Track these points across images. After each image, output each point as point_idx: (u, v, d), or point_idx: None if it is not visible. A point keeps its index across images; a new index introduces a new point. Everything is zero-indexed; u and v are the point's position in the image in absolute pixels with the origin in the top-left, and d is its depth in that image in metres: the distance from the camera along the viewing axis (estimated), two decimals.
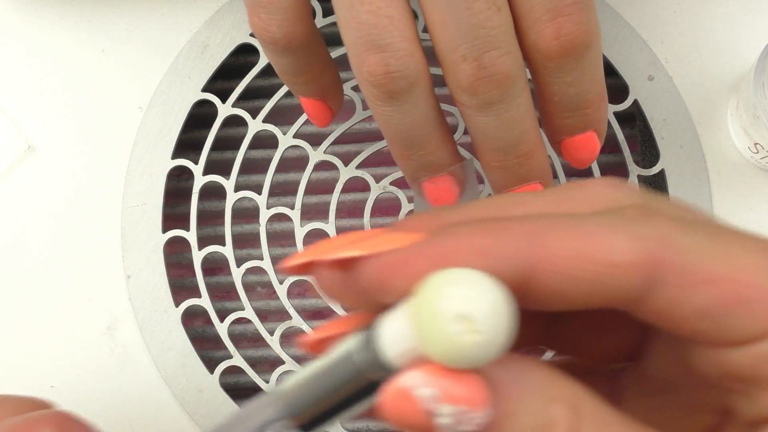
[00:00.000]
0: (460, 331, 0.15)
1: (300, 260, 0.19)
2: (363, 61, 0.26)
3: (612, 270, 0.16)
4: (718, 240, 0.17)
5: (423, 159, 0.28)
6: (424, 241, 0.17)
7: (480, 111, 0.26)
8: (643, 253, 0.16)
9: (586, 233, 0.16)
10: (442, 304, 0.15)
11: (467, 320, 0.15)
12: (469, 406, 0.15)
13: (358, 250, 0.17)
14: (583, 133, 0.29)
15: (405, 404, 0.16)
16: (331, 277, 0.19)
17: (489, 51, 0.25)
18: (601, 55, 0.27)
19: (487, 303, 0.15)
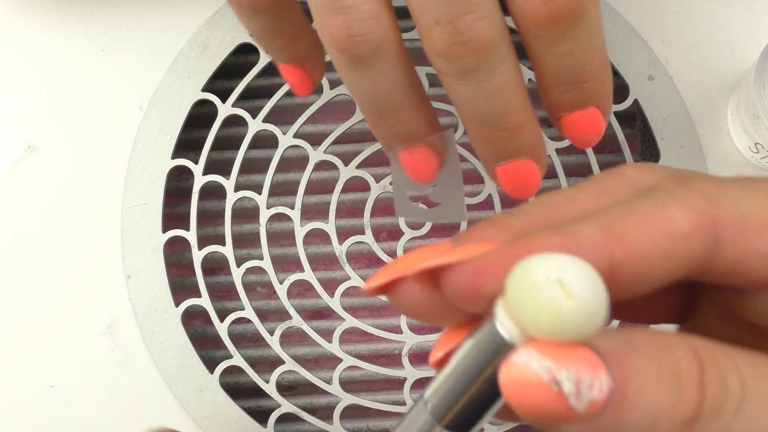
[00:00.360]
0: (557, 296, 0.15)
1: (384, 279, 0.19)
2: (325, 24, 0.24)
3: (680, 241, 0.17)
4: (753, 188, 0.18)
5: (396, 128, 0.27)
6: (509, 245, 0.17)
7: (458, 79, 0.25)
8: (700, 217, 0.17)
9: (645, 216, 0.17)
10: (537, 273, 0.15)
11: (562, 285, 0.15)
12: (586, 371, 0.15)
13: (446, 258, 0.17)
14: (583, 108, 0.27)
15: (523, 379, 0.16)
16: (415, 293, 0.18)
17: (464, 15, 0.23)
18: (600, 27, 0.25)
19: (579, 269, 0.15)
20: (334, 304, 0.36)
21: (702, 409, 0.16)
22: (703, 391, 0.16)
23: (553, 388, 0.15)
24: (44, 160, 0.37)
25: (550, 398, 0.15)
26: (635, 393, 0.15)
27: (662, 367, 0.16)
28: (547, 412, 0.16)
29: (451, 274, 0.17)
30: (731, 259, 0.17)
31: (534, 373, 0.15)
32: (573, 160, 0.37)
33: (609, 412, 0.15)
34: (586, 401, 0.15)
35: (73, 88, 0.38)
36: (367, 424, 0.36)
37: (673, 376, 0.16)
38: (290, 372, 0.36)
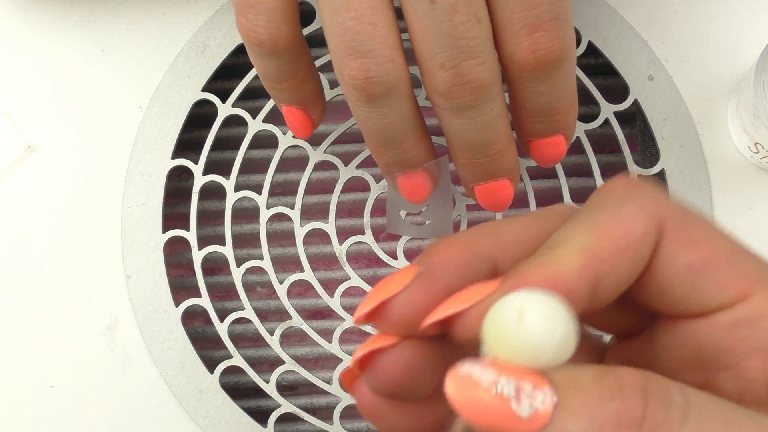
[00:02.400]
0: (510, 320, 0.17)
1: (371, 304, 0.20)
2: (345, 65, 0.26)
3: (640, 243, 0.19)
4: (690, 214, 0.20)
5: (399, 156, 0.29)
6: (506, 286, 0.18)
7: (454, 114, 0.27)
8: (652, 218, 0.19)
9: (609, 227, 0.19)
10: (507, 299, 0.17)
11: (519, 312, 0.17)
12: (528, 381, 0.16)
13: (453, 308, 0.19)
14: (551, 137, 0.30)
15: (466, 387, 0.17)
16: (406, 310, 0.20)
17: (466, 60, 0.26)
18: (575, 67, 0.29)
19: (542, 301, 0.17)
20: (334, 304, 0.36)
21: (647, 415, 0.16)
22: (646, 399, 0.16)
23: (493, 390, 0.16)
24: (44, 160, 0.37)
25: (491, 401, 0.16)
26: (579, 404, 0.16)
27: (605, 383, 0.17)
28: (493, 419, 0.16)
29: (461, 322, 0.19)
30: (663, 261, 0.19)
31: (475, 379, 0.16)
32: (573, 160, 0.37)
33: (555, 422, 0.16)
34: (527, 408, 0.16)
35: (73, 88, 0.38)
36: (367, 425, 0.36)
37: (615, 389, 0.17)
38: (290, 372, 0.36)
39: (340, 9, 0.26)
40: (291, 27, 0.28)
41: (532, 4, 0.26)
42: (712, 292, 0.19)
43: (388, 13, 0.26)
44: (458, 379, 0.17)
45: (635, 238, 0.19)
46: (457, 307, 0.19)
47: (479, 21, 0.26)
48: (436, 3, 0.25)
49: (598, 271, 0.18)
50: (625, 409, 0.16)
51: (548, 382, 0.16)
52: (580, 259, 0.18)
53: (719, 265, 0.19)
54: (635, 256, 0.19)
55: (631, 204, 0.19)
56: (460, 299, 0.19)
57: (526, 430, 0.16)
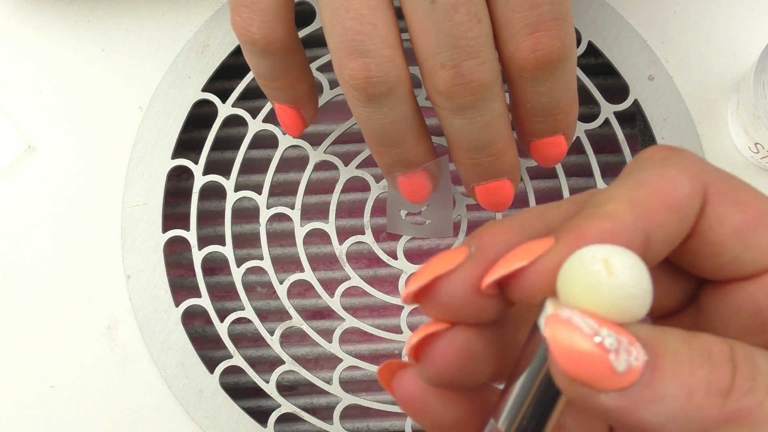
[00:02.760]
0: (599, 270, 0.16)
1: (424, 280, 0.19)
2: (345, 65, 0.27)
3: (686, 202, 0.19)
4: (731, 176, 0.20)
5: (399, 156, 0.30)
6: (564, 238, 0.18)
7: (455, 114, 0.27)
8: (696, 181, 0.19)
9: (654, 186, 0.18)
10: (586, 254, 0.17)
11: (606, 262, 0.16)
12: (625, 336, 0.16)
13: (516, 263, 0.18)
14: (552, 136, 0.30)
15: (568, 332, 0.16)
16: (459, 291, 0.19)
17: (467, 60, 0.26)
18: (575, 67, 0.29)
19: (626, 255, 0.17)
20: (334, 304, 0.36)
21: (735, 384, 0.16)
22: (735, 367, 0.16)
23: (596, 339, 0.16)
24: (44, 160, 0.37)
25: (592, 350, 0.16)
26: (670, 366, 0.16)
27: (694, 347, 0.17)
28: (588, 370, 0.16)
29: (526, 277, 0.18)
30: (712, 222, 0.19)
31: (577, 327, 0.16)
32: (573, 160, 0.37)
33: (645, 382, 0.16)
34: (624, 362, 0.16)
35: (73, 88, 0.38)
36: (367, 424, 0.36)
37: (705, 354, 0.17)
38: (290, 372, 0.36)
39: (340, 9, 0.26)
40: (285, 27, 0.28)
41: (532, 3, 0.26)
42: (764, 251, 0.19)
43: (388, 13, 0.26)
44: (559, 323, 0.16)
45: (681, 196, 0.18)
46: (519, 262, 0.18)
47: (480, 21, 0.26)
48: (437, 3, 0.25)
49: (648, 226, 0.18)
50: (714, 377, 0.16)
51: (639, 342, 0.16)
52: (631, 213, 0.18)
53: (766, 223, 0.19)
54: (682, 214, 0.18)
55: (673, 167, 0.19)
56: (519, 256, 0.18)
57: (617, 386, 0.16)
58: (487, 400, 0.20)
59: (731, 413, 0.16)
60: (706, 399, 0.16)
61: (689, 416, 0.16)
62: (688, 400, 0.16)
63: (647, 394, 0.16)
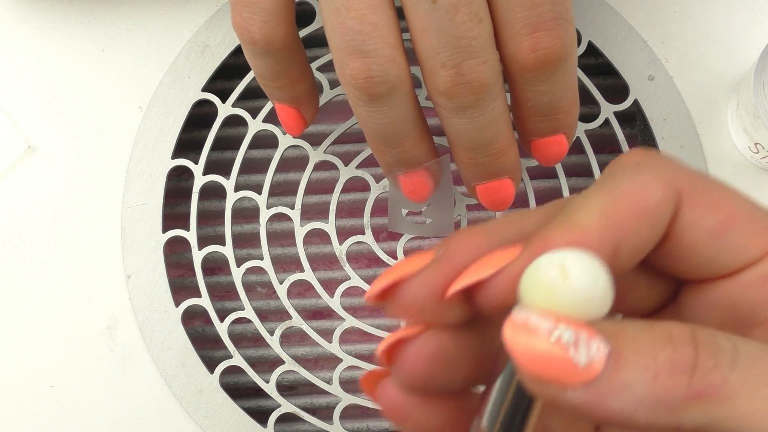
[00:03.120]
0: (555, 275, 0.17)
1: (387, 281, 0.20)
2: (346, 65, 0.27)
3: (658, 209, 0.19)
4: (704, 177, 0.20)
5: (400, 155, 0.30)
6: (530, 248, 0.18)
7: (455, 113, 0.27)
8: (669, 186, 0.19)
9: (627, 194, 0.19)
10: (543, 261, 0.17)
11: (561, 268, 0.17)
12: (583, 331, 0.16)
13: (480, 274, 0.19)
14: (553, 135, 0.30)
15: (525, 334, 0.16)
16: (419, 292, 0.19)
17: (467, 60, 0.26)
18: (576, 66, 0.29)
19: (581, 258, 0.17)
20: (334, 304, 0.36)
21: (698, 362, 0.16)
22: (697, 347, 0.17)
23: (553, 336, 0.16)
24: (44, 160, 0.37)
25: (550, 349, 0.16)
26: (632, 353, 0.16)
27: (654, 332, 0.17)
28: (550, 368, 0.16)
29: (491, 286, 0.19)
30: (685, 225, 0.19)
31: (534, 326, 0.16)
32: (573, 160, 0.37)
33: (609, 372, 0.16)
34: (584, 356, 0.16)
35: (73, 88, 0.38)
36: (367, 424, 0.36)
37: (665, 337, 0.17)
38: (290, 372, 0.36)
39: (341, 9, 0.26)
40: (285, 27, 0.28)
41: (533, 3, 0.26)
42: (739, 250, 0.19)
43: (389, 12, 0.26)
44: (516, 326, 0.17)
45: (653, 204, 0.19)
46: (484, 272, 0.19)
47: (480, 20, 0.26)
48: (438, 2, 0.25)
49: (617, 235, 0.18)
50: (677, 357, 0.16)
51: (600, 334, 0.16)
52: (599, 222, 0.18)
53: (742, 222, 0.19)
54: (654, 222, 0.19)
55: (646, 173, 0.19)
56: (484, 265, 0.19)
57: (581, 380, 0.16)
58: (470, 406, 0.20)
59: (698, 391, 0.16)
60: (672, 379, 0.16)
61: (657, 398, 0.16)
62: (653, 383, 0.16)
63: (613, 384, 0.16)
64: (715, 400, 0.16)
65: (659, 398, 0.16)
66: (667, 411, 0.16)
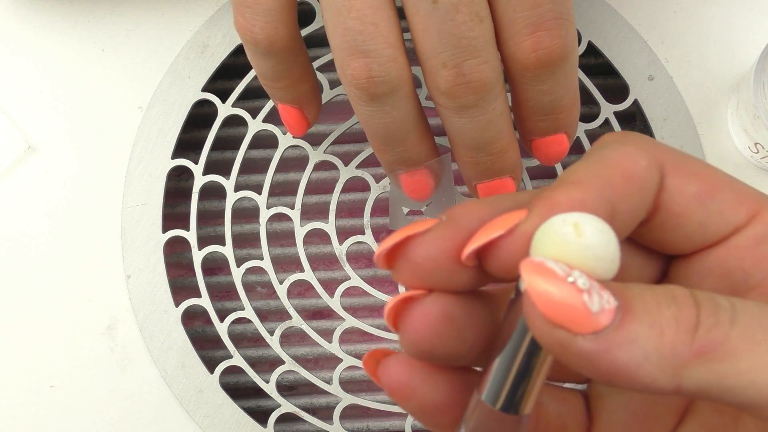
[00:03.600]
0: (569, 232, 0.17)
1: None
2: (347, 65, 0.27)
3: (645, 173, 0.19)
4: (683, 152, 0.20)
5: (401, 154, 0.30)
6: (536, 208, 0.19)
7: (456, 113, 0.28)
8: (652, 156, 0.20)
9: (615, 161, 0.19)
10: (556, 220, 0.18)
11: (575, 226, 0.17)
12: (595, 281, 0.17)
13: (490, 234, 0.19)
14: (554, 135, 0.30)
15: (543, 276, 0.17)
16: (431, 248, 0.19)
17: (468, 59, 0.26)
18: (577, 66, 0.29)
19: (591, 218, 0.17)
20: (334, 304, 0.36)
21: (700, 320, 0.17)
22: (698, 306, 0.17)
23: (569, 280, 0.17)
24: (44, 160, 0.37)
25: (566, 291, 0.17)
26: (639, 308, 0.17)
27: (658, 292, 0.17)
28: (565, 311, 0.17)
29: (503, 247, 0.19)
30: (672, 191, 0.20)
31: (551, 270, 0.17)
32: (573, 160, 0.37)
33: (618, 324, 0.17)
34: (597, 303, 0.17)
35: (73, 88, 0.38)
36: (367, 424, 0.36)
37: (669, 297, 0.17)
38: (290, 372, 0.36)
39: (342, 9, 0.26)
40: (288, 27, 0.28)
41: (534, 3, 0.26)
42: (725, 215, 0.20)
43: (390, 12, 0.26)
44: (535, 267, 0.17)
45: (640, 168, 0.19)
46: (496, 232, 0.19)
47: (481, 20, 0.26)
48: (439, 3, 0.26)
49: (612, 196, 0.19)
50: (681, 315, 0.17)
51: (608, 287, 0.17)
52: (596, 184, 0.19)
53: (724, 190, 0.20)
54: (643, 186, 0.19)
55: (629, 145, 0.20)
56: (495, 226, 0.19)
57: (593, 328, 0.17)
58: (472, 383, 0.20)
59: (701, 347, 0.17)
60: (677, 336, 0.17)
61: (663, 354, 0.17)
62: (660, 339, 0.17)
63: (621, 336, 0.17)
64: (716, 356, 0.17)
65: (665, 354, 0.17)
66: (671, 368, 0.17)
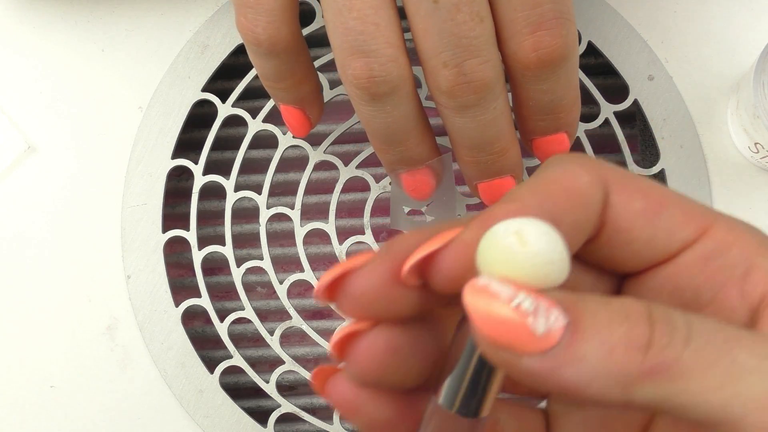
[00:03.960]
0: (513, 242, 0.17)
1: (335, 273, 0.20)
2: (348, 65, 0.27)
3: (587, 188, 0.19)
4: (628, 171, 0.20)
5: (402, 154, 0.30)
6: (477, 221, 0.19)
7: (457, 113, 0.28)
8: (594, 173, 0.19)
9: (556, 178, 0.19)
10: (498, 227, 0.17)
11: (518, 234, 0.17)
12: (542, 301, 0.16)
13: (430, 247, 0.19)
14: (554, 134, 0.30)
15: (485, 298, 0.17)
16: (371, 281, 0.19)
17: (469, 59, 0.26)
18: (577, 65, 0.29)
19: (537, 225, 0.17)
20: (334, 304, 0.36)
21: (653, 339, 0.17)
22: (653, 324, 0.17)
23: (513, 303, 0.16)
24: (44, 160, 0.37)
25: (509, 314, 0.16)
26: (589, 326, 0.17)
27: (612, 308, 0.17)
28: (508, 334, 0.16)
29: (446, 257, 0.19)
30: (616, 209, 0.20)
31: (495, 292, 0.17)
32: None
33: (566, 343, 0.16)
34: (542, 325, 0.16)
35: (73, 88, 0.38)
36: None
37: (623, 314, 0.17)
38: (290, 372, 0.36)
39: (343, 9, 0.26)
40: (290, 28, 0.28)
41: (535, 2, 0.26)
42: (673, 231, 0.19)
43: (391, 12, 0.26)
44: (477, 291, 0.17)
45: (581, 185, 0.19)
46: (435, 244, 0.19)
47: (482, 20, 0.26)
48: (439, 2, 0.26)
49: (553, 209, 0.19)
50: (633, 334, 0.17)
51: (558, 305, 0.17)
52: (534, 198, 0.19)
53: (671, 206, 0.19)
54: (586, 201, 0.19)
55: (571, 164, 0.20)
56: (432, 242, 0.19)
57: (538, 348, 0.16)
58: (420, 399, 0.20)
59: (652, 367, 0.16)
60: (627, 355, 0.16)
61: (611, 373, 0.16)
62: (608, 358, 0.16)
63: (569, 355, 0.16)
64: (667, 376, 0.16)
65: (613, 373, 0.16)
66: (620, 386, 0.16)
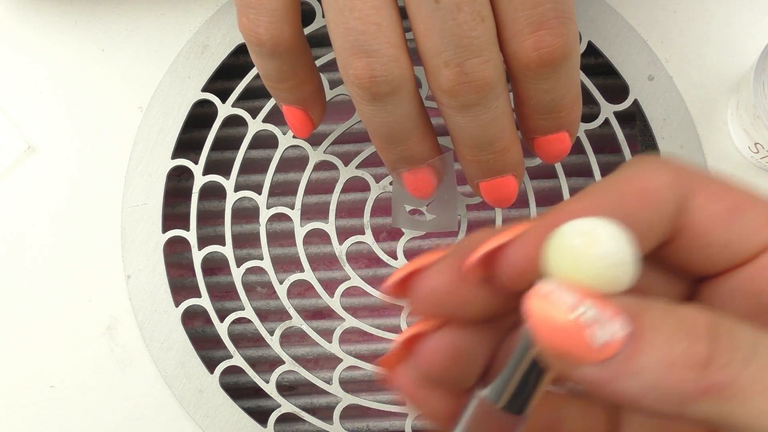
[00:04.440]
0: (579, 243, 0.16)
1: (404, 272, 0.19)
2: (349, 64, 0.27)
3: (662, 191, 0.19)
4: (706, 172, 0.20)
5: (403, 153, 0.30)
6: (546, 217, 0.18)
7: (459, 112, 0.28)
8: (674, 174, 0.19)
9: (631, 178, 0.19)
10: (566, 228, 0.17)
11: (586, 235, 0.16)
12: (606, 309, 0.16)
13: (499, 240, 0.19)
14: (555, 133, 0.30)
15: (546, 306, 0.16)
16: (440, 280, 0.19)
17: (471, 58, 0.26)
18: (578, 64, 0.29)
19: (601, 224, 0.17)
20: (334, 304, 0.36)
21: (713, 356, 0.16)
22: (714, 341, 0.17)
23: (573, 314, 0.16)
24: (44, 160, 0.37)
25: (567, 326, 0.16)
26: (650, 339, 0.16)
27: (676, 319, 0.17)
28: (566, 343, 0.16)
29: (513, 253, 0.18)
30: (695, 211, 0.19)
31: (555, 301, 0.16)
32: (573, 160, 0.37)
33: (625, 355, 0.16)
34: (602, 337, 0.16)
35: (73, 88, 0.38)
36: (367, 424, 0.36)
37: (686, 327, 0.17)
38: (290, 372, 0.36)
39: (344, 9, 0.26)
40: (292, 28, 0.28)
41: (536, 2, 0.26)
42: (751, 234, 0.19)
43: (392, 12, 0.26)
44: (539, 298, 0.17)
45: (656, 187, 0.19)
46: (503, 238, 0.18)
47: (483, 19, 0.26)
48: (441, 2, 0.26)
49: (626, 211, 0.18)
50: (692, 351, 0.16)
51: (621, 314, 0.16)
52: (608, 198, 0.18)
53: (749, 209, 0.19)
54: (661, 203, 0.19)
55: (647, 165, 0.19)
56: (499, 237, 0.19)
57: (595, 359, 0.16)
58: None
59: (708, 386, 0.16)
60: (684, 372, 0.16)
61: (667, 389, 0.16)
62: (666, 373, 0.16)
63: (626, 367, 0.16)
64: (723, 396, 0.16)
65: (669, 389, 0.16)
66: (676, 402, 0.16)
